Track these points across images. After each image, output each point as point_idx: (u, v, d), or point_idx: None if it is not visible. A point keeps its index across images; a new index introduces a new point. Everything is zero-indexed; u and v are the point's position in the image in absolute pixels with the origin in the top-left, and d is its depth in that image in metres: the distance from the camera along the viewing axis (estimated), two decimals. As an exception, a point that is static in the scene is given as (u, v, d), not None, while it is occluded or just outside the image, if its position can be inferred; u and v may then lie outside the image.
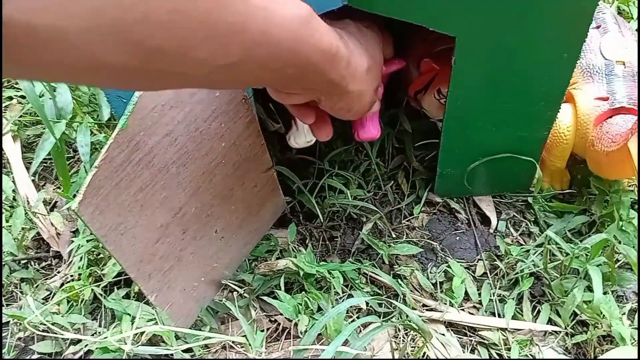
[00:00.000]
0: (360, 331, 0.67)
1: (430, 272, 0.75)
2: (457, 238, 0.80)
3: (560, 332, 0.68)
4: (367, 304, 0.70)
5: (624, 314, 0.68)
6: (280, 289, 0.71)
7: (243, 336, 0.62)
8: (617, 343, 0.64)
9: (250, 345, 0.59)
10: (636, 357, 0.61)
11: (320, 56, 0.41)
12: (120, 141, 0.50)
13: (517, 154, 0.74)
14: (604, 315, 0.65)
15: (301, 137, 0.72)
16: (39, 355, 0.72)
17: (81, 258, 0.76)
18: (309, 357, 0.63)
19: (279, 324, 0.72)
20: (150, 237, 0.59)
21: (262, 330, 0.71)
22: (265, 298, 0.71)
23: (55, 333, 0.71)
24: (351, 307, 0.71)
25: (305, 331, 0.65)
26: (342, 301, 0.68)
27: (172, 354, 0.68)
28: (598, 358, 0.64)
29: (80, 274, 0.74)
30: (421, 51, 0.75)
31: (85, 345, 0.71)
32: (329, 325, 0.63)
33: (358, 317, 0.69)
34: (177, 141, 0.57)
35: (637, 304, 0.70)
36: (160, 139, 0.54)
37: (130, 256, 0.57)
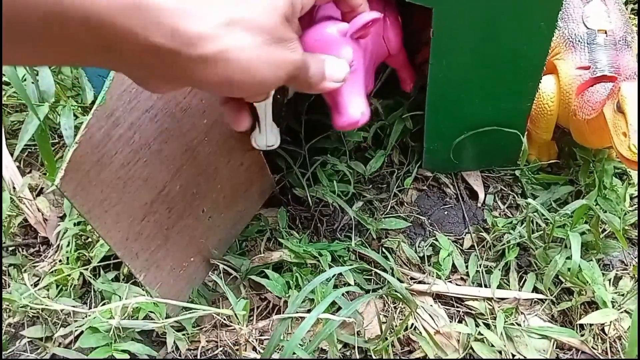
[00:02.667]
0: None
1: (419, 247, 0.77)
2: (446, 213, 0.82)
3: (545, 300, 0.70)
4: (355, 281, 0.73)
5: (609, 280, 0.70)
6: (269, 269, 0.74)
7: (230, 308, 0.65)
8: (601, 308, 0.66)
9: (237, 317, 0.61)
10: (615, 317, 0.63)
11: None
12: (99, 117, 0.52)
13: (502, 127, 0.76)
14: (588, 282, 0.68)
15: (262, 139, 0.72)
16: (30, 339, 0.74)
17: (69, 243, 0.79)
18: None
19: (268, 302, 0.75)
20: (135, 214, 0.61)
21: (252, 309, 0.74)
22: (254, 277, 0.73)
23: (45, 317, 0.74)
24: (340, 283, 0.73)
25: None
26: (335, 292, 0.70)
27: (163, 334, 0.71)
28: (578, 322, 0.67)
29: (68, 258, 0.77)
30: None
31: (76, 329, 0.74)
32: (316, 297, 0.65)
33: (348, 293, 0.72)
34: (157, 117, 0.59)
35: (622, 271, 0.73)
36: (140, 115, 0.56)
37: (116, 234, 0.60)
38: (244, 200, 0.79)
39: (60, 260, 0.79)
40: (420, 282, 0.73)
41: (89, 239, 0.79)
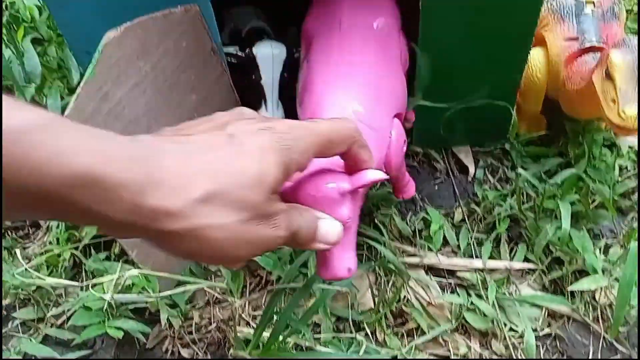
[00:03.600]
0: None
1: (410, 221, 0.78)
2: (436, 188, 0.83)
3: (536, 269, 0.72)
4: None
5: (600, 248, 0.72)
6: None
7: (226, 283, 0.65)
8: (591, 275, 0.68)
9: (231, 290, 0.62)
10: (606, 284, 0.65)
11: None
12: (88, 91, 0.52)
13: (492, 100, 0.77)
14: (578, 251, 0.69)
15: (270, 114, 0.74)
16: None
17: (58, 224, 0.79)
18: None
19: (261, 278, 0.75)
20: (125, 191, 0.62)
21: (245, 286, 0.75)
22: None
23: (37, 299, 0.74)
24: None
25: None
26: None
27: (156, 312, 0.72)
28: (568, 289, 0.68)
29: (58, 239, 0.77)
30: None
31: (68, 309, 0.74)
32: (309, 270, 0.66)
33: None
34: (146, 93, 0.59)
35: (612, 240, 0.74)
36: (129, 89, 0.57)
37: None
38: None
39: (50, 242, 0.79)
40: (412, 255, 0.74)
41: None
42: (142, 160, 0.31)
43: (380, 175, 0.43)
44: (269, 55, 0.69)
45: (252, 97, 0.72)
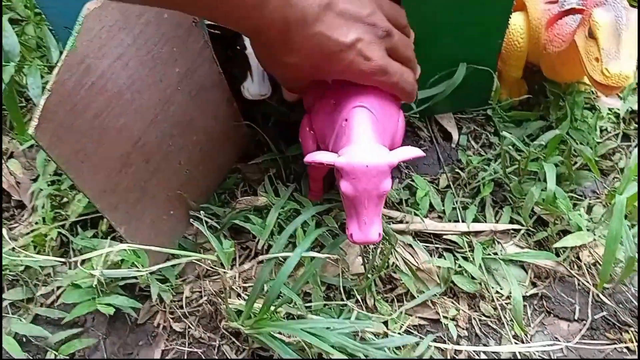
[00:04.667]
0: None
1: (396, 189, 0.79)
2: (421, 155, 0.84)
3: (521, 230, 0.73)
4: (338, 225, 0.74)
5: (583, 208, 0.73)
6: (250, 216, 0.75)
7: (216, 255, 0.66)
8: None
9: (221, 261, 0.62)
10: (590, 240, 0.66)
11: None
12: (70, 64, 0.52)
13: (474, 66, 0.78)
14: (562, 211, 0.70)
15: (255, 88, 0.73)
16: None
17: (44, 204, 0.78)
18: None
19: (250, 250, 0.76)
20: (111, 166, 0.61)
21: (235, 258, 0.75)
22: (237, 222, 0.74)
23: (25, 279, 0.74)
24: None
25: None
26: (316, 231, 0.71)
27: (147, 287, 0.72)
28: (554, 246, 0.69)
29: (44, 218, 0.76)
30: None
31: (57, 287, 0.74)
32: (297, 239, 0.66)
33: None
34: (129, 65, 0.59)
35: (595, 200, 0.75)
36: (111, 62, 0.56)
37: (93, 185, 0.60)
38: (220, 153, 0.79)
39: (36, 222, 0.78)
40: (399, 222, 0.75)
41: (64, 199, 0.79)
42: None
43: (419, 152, 0.53)
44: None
45: (237, 67, 0.72)
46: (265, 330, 0.62)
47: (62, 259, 0.70)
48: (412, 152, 0.53)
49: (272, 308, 0.64)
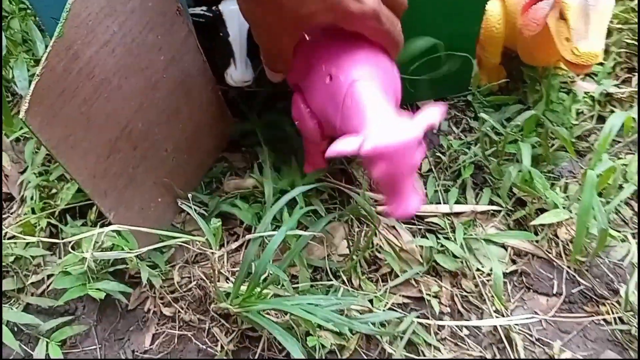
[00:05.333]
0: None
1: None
2: (403, 142, 0.86)
3: (500, 211, 0.76)
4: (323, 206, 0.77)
5: (560, 187, 0.76)
6: (237, 202, 0.77)
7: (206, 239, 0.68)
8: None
9: (209, 243, 0.64)
10: (566, 217, 0.69)
11: None
12: (58, 50, 0.54)
13: (453, 52, 0.80)
14: (539, 191, 0.73)
15: (238, 75, 0.75)
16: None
17: (32, 196, 0.80)
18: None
19: (238, 236, 0.78)
20: (100, 151, 0.63)
21: (222, 245, 0.77)
22: (225, 207, 0.76)
23: (16, 270, 0.76)
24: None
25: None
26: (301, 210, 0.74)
27: (136, 274, 0.74)
28: (531, 223, 0.72)
29: (33, 209, 0.78)
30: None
31: (48, 276, 0.76)
32: (284, 220, 0.69)
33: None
34: (115, 52, 0.60)
35: (571, 180, 0.78)
36: (98, 48, 0.58)
37: (83, 170, 0.62)
38: (206, 141, 0.81)
39: (25, 213, 0.80)
40: (383, 204, 0.77)
41: (53, 190, 0.80)
42: None
43: (439, 111, 0.50)
44: (235, 12, 0.71)
45: (221, 54, 0.74)
46: (253, 309, 0.64)
47: (55, 240, 0.71)
48: (434, 113, 0.49)
49: (260, 288, 0.66)
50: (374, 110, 0.50)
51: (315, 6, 0.50)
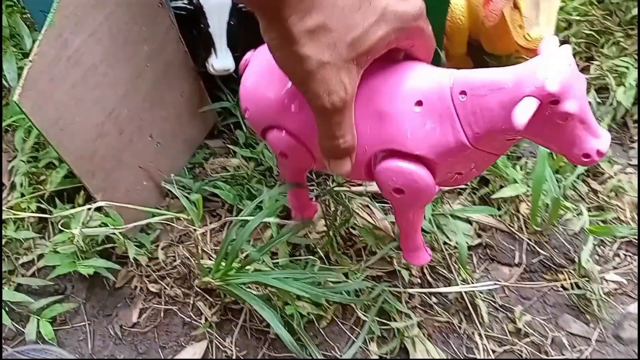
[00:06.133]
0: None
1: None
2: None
3: (466, 188, 0.82)
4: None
5: (520, 166, 0.82)
6: (219, 184, 0.82)
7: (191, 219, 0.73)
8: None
9: (193, 219, 0.69)
10: (524, 191, 0.75)
11: None
12: (49, 37, 0.59)
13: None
14: (501, 169, 0.79)
15: (219, 64, 0.80)
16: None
17: (22, 182, 0.84)
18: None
19: (220, 217, 0.83)
20: (88, 134, 0.68)
21: (205, 225, 0.82)
22: (208, 188, 0.81)
23: (7, 253, 0.80)
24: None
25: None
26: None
27: (123, 254, 0.78)
28: (493, 197, 0.78)
29: (22, 194, 0.82)
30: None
31: (39, 257, 0.80)
32: (263, 204, 0.74)
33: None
34: (102, 41, 0.65)
35: (532, 160, 0.84)
36: (86, 37, 0.63)
37: (72, 151, 0.66)
38: (189, 128, 0.86)
39: (16, 198, 0.84)
40: (357, 185, 0.83)
41: (42, 177, 0.85)
42: None
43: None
44: (215, 3, 0.76)
45: (202, 45, 0.79)
46: (234, 282, 0.69)
47: (46, 215, 0.76)
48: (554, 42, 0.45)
49: (239, 264, 0.71)
50: (498, 71, 0.44)
51: (366, 22, 0.41)
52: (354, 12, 0.40)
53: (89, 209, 0.68)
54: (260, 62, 0.54)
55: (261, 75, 0.53)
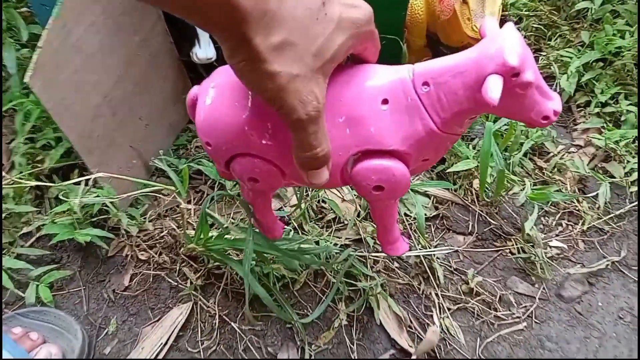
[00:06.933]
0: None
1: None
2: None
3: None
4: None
5: (473, 145, 0.93)
6: (202, 161, 0.92)
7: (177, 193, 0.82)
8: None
9: (179, 192, 0.79)
10: (475, 165, 0.86)
11: None
12: (55, 27, 0.68)
13: (384, 35, 0.96)
14: (456, 147, 0.90)
15: (202, 53, 0.89)
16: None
17: (20, 162, 0.93)
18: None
19: (203, 193, 0.93)
20: (87, 115, 0.77)
21: (189, 200, 0.92)
22: (192, 165, 0.90)
23: (7, 226, 0.88)
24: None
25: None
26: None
27: (116, 225, 0.87)
28: (448, 170, 0.89)
29: (21, 172, 0.91)
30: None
31: (37, 229, 0.89)
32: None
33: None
34: (99, 32, 0.75)
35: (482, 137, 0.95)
36: (85, 28, 0.72)
37: (73, 129, 0.75)
38: (173, 112, 0.96)
39: (15, 176, 0.93)
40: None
41: (39, 157, 0.93)
42: None
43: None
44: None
45: (187, 37, 0.89)
46: (216, 247, 0.78)
47: (49, 184, 0.84)
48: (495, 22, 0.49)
49: (222, 232, 0.80)
50: (454, 57, 0.47)
51: (326, 31, 0.42)
52: (313, 24, 0.41)
53: (87, 179, 0.77)
54: (210, 94, 0.52)
55: (215, 107, 0.51)
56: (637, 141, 0.94)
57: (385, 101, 0.48)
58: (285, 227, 0.85)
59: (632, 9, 1.05)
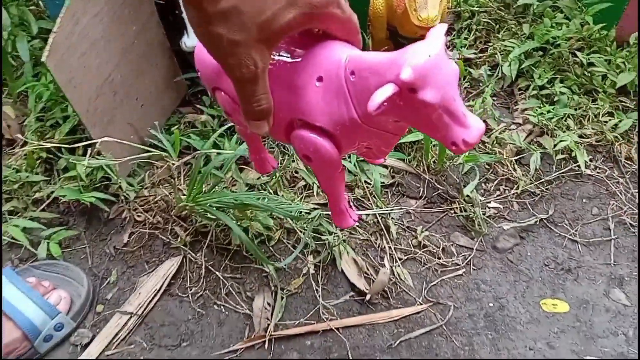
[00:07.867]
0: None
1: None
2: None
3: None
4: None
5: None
6: (191, 135, 1.07)
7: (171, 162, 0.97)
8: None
9: (170, 154, 0.93)
10: (420, 137, 1.01)
11: None
12: (67, 16, 0.82)
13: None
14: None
15: (191, 42, 1.04)
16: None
17: (32, 139, 1.07)
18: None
19: (192, 165, 1.07)
20: (92, 93, 0.92)
21: (180, 172, 1.06)
22: (183, 139, 1.05)
23: (20, 193, 1.03)
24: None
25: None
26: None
27: (117, 191, 1.02)
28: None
29: (33, 145, 1.06)
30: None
31: (48, 195, 1.03)
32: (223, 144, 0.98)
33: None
34: (103, 21, 0.89)
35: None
36: (91, 17, 0.87)
37: (81, 105, 0.90)
38: (165, 95, 1.10)
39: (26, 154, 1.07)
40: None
41: (48, 135, 1.08)
42: None
43: (444, 27, 0.46)
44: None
45: (176, 28, 1.04)
46: (205, 202, 0.93)
47: (64, 145, 0.99)
48: (439, 30, 0.45)
49: (208, 188, 0.95)
50: (383, 55, 0.46)
51: (276, 6, 0.44)
52: None
53: (93, 143, 0.92)
54: None
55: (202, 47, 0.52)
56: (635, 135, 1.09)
57: (320, 78, 0.49)
58: (266, 193, 1.00)
59: (570, 4, 1.20)
